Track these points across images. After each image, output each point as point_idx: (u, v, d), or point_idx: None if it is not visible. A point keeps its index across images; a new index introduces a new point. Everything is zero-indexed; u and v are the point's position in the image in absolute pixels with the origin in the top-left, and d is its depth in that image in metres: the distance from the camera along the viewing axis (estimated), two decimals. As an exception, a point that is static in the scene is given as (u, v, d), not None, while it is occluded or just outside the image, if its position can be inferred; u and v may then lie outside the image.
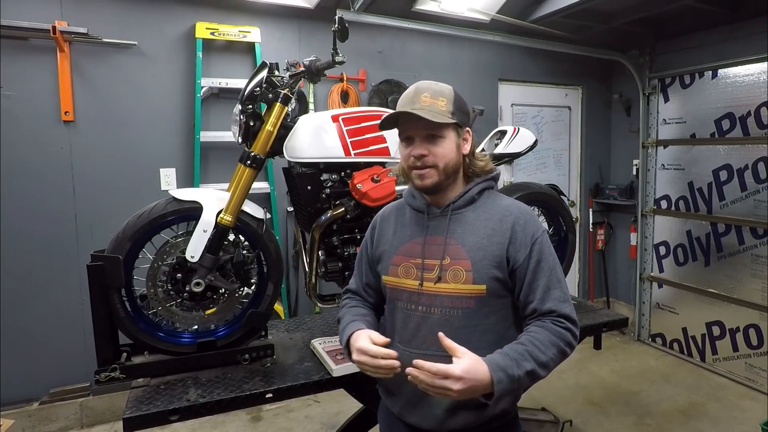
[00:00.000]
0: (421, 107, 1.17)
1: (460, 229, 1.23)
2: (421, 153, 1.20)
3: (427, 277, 1.22)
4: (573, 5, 3.32)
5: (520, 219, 1.22)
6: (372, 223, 1.42)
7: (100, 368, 1.64)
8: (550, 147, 4.52)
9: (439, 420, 1.22)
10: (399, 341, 1.26)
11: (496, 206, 1.25)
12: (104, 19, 2.88)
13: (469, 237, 1.21)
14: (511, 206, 1.25)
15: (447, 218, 1.24)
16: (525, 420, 2.81)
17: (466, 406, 1.20)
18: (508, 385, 1.05)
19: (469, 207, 1.25)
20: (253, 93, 1.73)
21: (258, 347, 1.83)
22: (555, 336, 1.14)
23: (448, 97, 1.21)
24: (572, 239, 2.55)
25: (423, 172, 1.21)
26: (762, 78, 3.43)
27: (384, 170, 2.00)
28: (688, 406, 3.26)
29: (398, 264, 1.27)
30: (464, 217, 1.24)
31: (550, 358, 1.12)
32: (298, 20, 3.37)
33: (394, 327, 1.29)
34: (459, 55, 3.94)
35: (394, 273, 1.28)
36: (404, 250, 1.28)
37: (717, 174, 3.76)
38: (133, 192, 3.00)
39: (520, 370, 1.07)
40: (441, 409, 1.21)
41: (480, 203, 1.26)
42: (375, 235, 1.38)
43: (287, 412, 3.14)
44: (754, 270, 3.55)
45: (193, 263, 1.69)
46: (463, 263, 1.19)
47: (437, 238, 1.24)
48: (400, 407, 1.29)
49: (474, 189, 1.26)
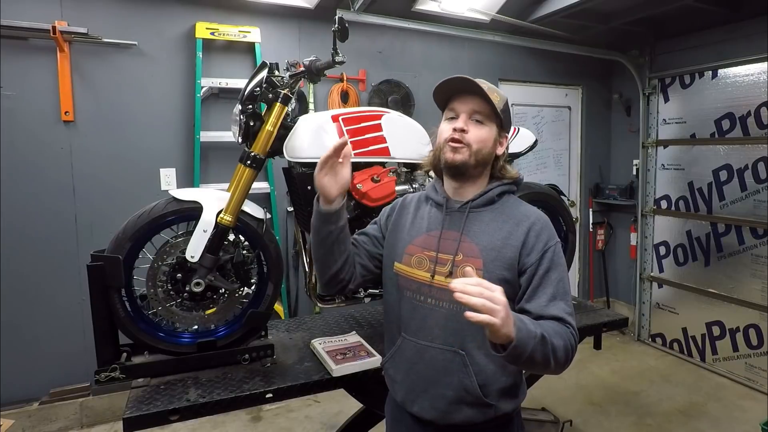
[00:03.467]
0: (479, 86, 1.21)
1: (476, 228, 1.24)
2: (463, 127, 1.22)
3: (439, 270, 1.22)
4: (573, 5, 3.32)
5: (537, 225, 1.22)
6: (393, 204, 1.43)
7: (100, 368, 1.64)
8: (550, 147, 4.52)
9: (440, 411, 1.22)
10: (404, 331, 1.27)
11: (516, 211, 1.26)
12: (104, 19, 2.88)
13: (484, 237, 1.22)
14: (530, 212, 1.26)
15: (464, 215, 1.25)
16: (525, 420, 2.80)
17: (468, 402, 1.20)
18: (525, 336, 0.98)
19: (487, 207, 1.27)
20: (253, 93, 1.73)
21: (258, 347, 1.83)
22: (562, 330, 1.11)
23: (501, 97, 1.26)
24: (572, 239, 2.55)
25: (457, 146, 1.22)
26: (762, 78, 3.43)
27: (384, 170, 2.00)
28: (688, 406, 3.26)
29: (412, 254, 1.28)
30: (482, 217, 1.25)
31: (559, 345, 1.07)
32: (298, 20, 3.37)
33: (401, 317, 1.29)
34: (459, 55, 3.94)
35: (407, 262, 1.28)
36: (419, 241, 1.28)
37: (717, 174, 3.76)
38: (133, 192, 2.99)
39: (536, 329, 1.03)
40: (444, 402, 1.21)
41: (499, 205, 1.27)
42: (393, 216, 1.39)
43: (287, 412, 3.14)
44: (754, 270, 3.55)
45: (193, 263, 1.69)
46: (475, 261, 1.19)
47: (453, 233, 1.25)
48: (403, 395, 1.29)
49: (494, 190, 1.27)
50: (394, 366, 1.31)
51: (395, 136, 1.98)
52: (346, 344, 1.91)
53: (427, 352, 1.23)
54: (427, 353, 1.23)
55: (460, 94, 1.25)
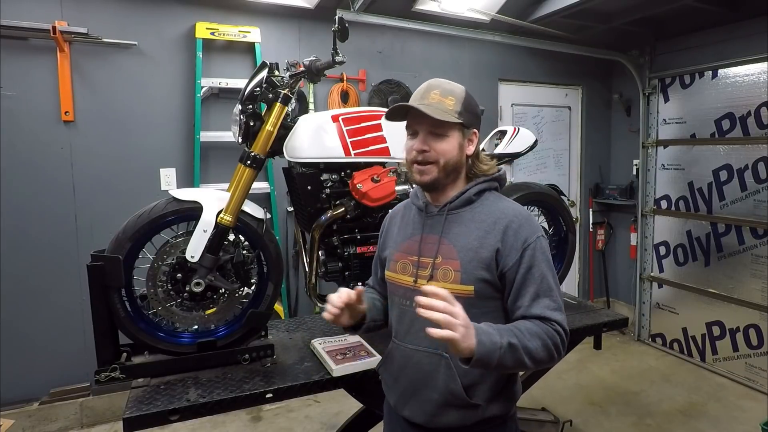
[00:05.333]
0: (428, 104, 1.19)
1: (455, 230, 1.24)
2: (422, 148, 1.21)
3: (421, 274, 1.24)
4: (573, 5, 3.32)
5: (514, 222, 1.20)
6: (383, 222, 1.47)
7: (100, 368, 1.64)
8: (550, 147, 4.52)
9: (428, 415, 1.23)
10: (395, 336, 1.31)
11: (494, 208, 1.25)
12: (104, 19, 2.88)
13: (462, 238, 1.22)
14: (507, 209, 1.24)
15: (443, 217, 1.26)
16: (525, 420, 2.81)
17: (455, 404, 1.21)
18: (489, 347, 1.02)
19: (466, 207, 1.26)
20: (253, 93, 1.74)
21: (258, 347, 1.83)
22: (541, 330, 1.12)
23: (458, 97, 1.21)
24: (572, 239, 2.55)
25: (423, 168, 1.22)
26: (762, 78, 3.43)
27: (384, 170, 2.00)
28: (688, 406, 3.26)
29: (397, 260, 1.31)
30: (460, 218, 1.25)
31: (535, 347, 1.09)
32: (298, 20, 3.37)
33: (392, 322, 1.34)
34: (459, 55, 3.94)
35: (393, 269, 1.31)
36: (404, 247, 1.31)
37: (717, 174, 3.76)
38: (133, 192, 2.99)
39: (502, 339, 1.05)
40: (431, 405, 1.22)
41: (478, 204, 1.26)
42: (384, 233, 1.43)
43: (287, 412, 3.14)
44: (754, 270, 3.55)
45: (193, 263, 1.69)
46: (452, 263, 1.20)
47: (433, 237, 1.26)
48: (395, 399, 1.31)
49: (472, 190, 1.26)
50: (386, 370, 1.35)
51: (395, 136, 1.98)
52: (346, 344, 1.91)
53: (414, 357, 1.25)
54: (414, 357, 1.25)
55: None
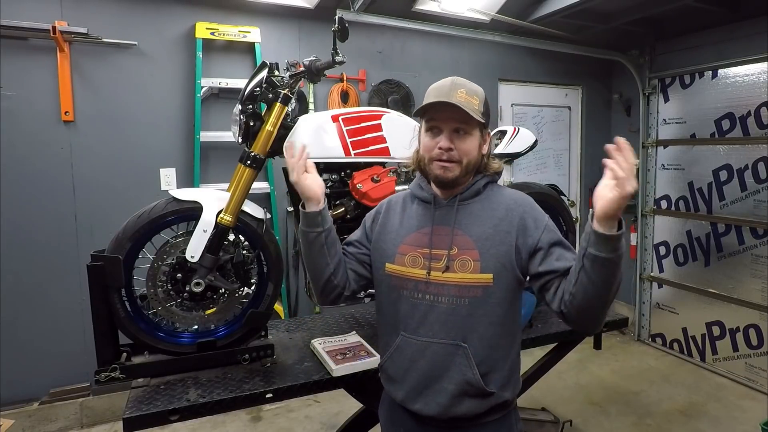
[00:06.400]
0: (458, 101, 1.20)
1: (467, 220, 1.26)
2: (449, 146, 1.22)
3: (434, 266, 1.24)
4: (573, 5, 3.32)
5: (528, 210, 1.26)
6: (377, 207, 1.43)
7: (100, 368, 1.64)
8: (550, 147, 4.52)
9: (443, 406, 1.23)
10: (404, 329, 1.28)
11: (501, 198, 1.29)
12: (104, 19, 2.88)
13: (476, 227, 1.24)
14: (517, 197, 1.30)
15: (454, 209, 1.27)
16: (525, 420, 2.81)
17: (470, 394, 1.21)
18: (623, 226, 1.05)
19: (475, 198, 1.29)
20: (253, 93, 1.74)
21: (258, 347, 1.84)
22: None
23: (480, 98, 1.25)
24: (572, 239, 2.56)
25: (448, 165, 1.23)
26: (762, 78, 3.43)
27: (384, 170, 2.00)
28: (688, 406, 3.26)
29: (405, 253, 1.29)
30: (470, 208, 1.27)
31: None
32: (298, 20, 3.37)
33: (398, 316, 1.29)
34: (459, 55, 3.94)
35: (401, 262, 1.29)
36: (411, 240, 1.29)
37: (717, 174, 3.76)
38: (133, 192, 2.99)
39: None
40: (445, 396, 1.22)
41: (485, 195, 1.30)
42: (380, 219, 1.39)
43: (287, 412, 3.15)
44: (754, 270, 3.55)
45: (193, 263, 1.69)
46: (471, 253, 1.22)
47: (444, 228, 1.26)
48: (404, 394, 1.29)
49: (480, 182, 1.30)
50: (393, 365, 1.31)
51: (395, 136, 1.98)
52: (346, 344, 1.91)
53: (429, 348, 1.24)
54: (429, 349, 1.24)
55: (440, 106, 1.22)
